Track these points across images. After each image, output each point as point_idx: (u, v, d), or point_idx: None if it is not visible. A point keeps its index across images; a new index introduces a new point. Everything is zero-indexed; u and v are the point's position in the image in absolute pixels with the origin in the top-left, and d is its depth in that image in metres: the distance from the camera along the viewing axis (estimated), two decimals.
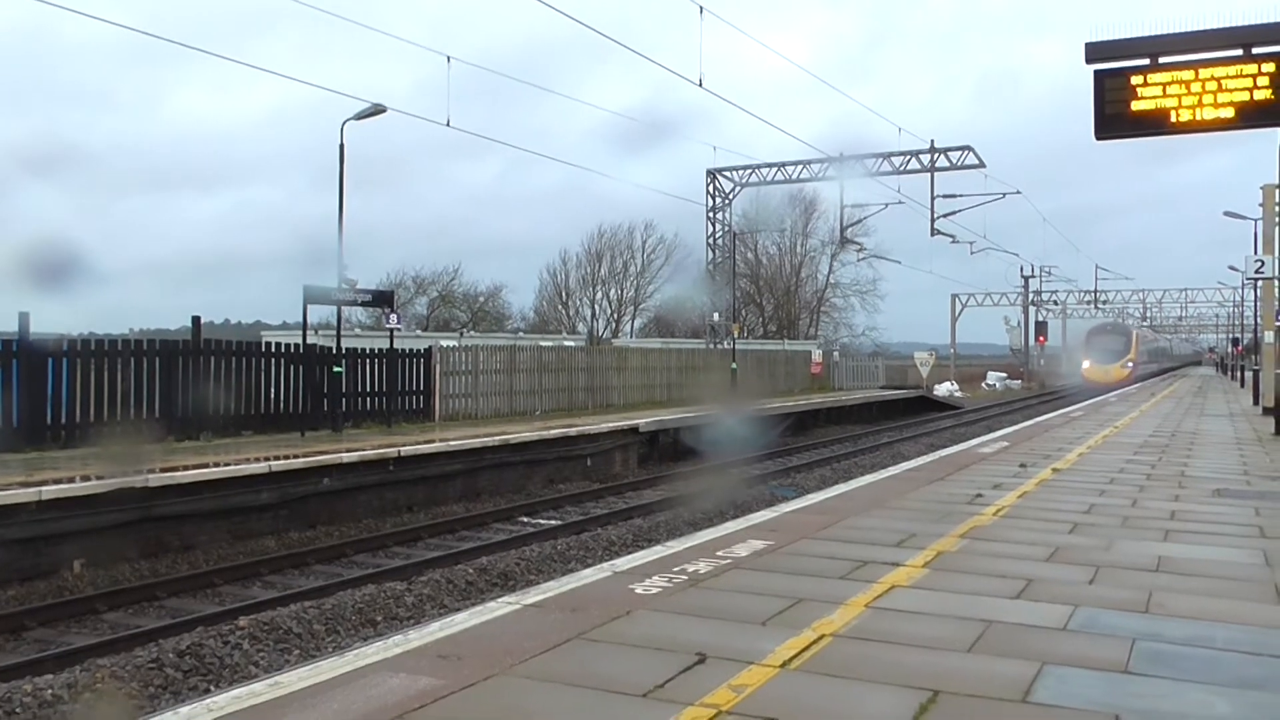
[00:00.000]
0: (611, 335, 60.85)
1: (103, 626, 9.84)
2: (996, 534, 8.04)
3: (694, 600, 5.80)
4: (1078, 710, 4.08)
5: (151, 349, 16.40)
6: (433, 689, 4.22)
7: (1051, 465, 12.88)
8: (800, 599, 5.79)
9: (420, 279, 57.82)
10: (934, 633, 5.19)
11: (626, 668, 4.57)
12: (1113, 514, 9.12)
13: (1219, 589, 6.26)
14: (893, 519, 8.67)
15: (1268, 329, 25.23)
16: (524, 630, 5.16)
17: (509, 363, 24.26)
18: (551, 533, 14.41)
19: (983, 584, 6.26)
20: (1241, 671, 4.61)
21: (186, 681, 8.07)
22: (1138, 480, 11.62)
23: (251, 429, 17.59)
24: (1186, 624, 5.39)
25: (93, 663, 8.38)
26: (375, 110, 19.68)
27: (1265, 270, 20.08)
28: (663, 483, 19.66)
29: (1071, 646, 4.98)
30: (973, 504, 9.56)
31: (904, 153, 34.47)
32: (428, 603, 10.70)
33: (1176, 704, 4.16)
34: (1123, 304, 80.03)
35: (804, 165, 37.19)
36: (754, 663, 4.60)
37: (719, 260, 40.84)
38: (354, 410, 20.18)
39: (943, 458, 13.85)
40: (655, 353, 32.80)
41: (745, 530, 8.03)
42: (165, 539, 12.17)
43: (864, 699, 4.22)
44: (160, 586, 10.93)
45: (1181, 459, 14.18)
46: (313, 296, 19.32)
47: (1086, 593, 6.11)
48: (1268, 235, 25.81)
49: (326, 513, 14.50)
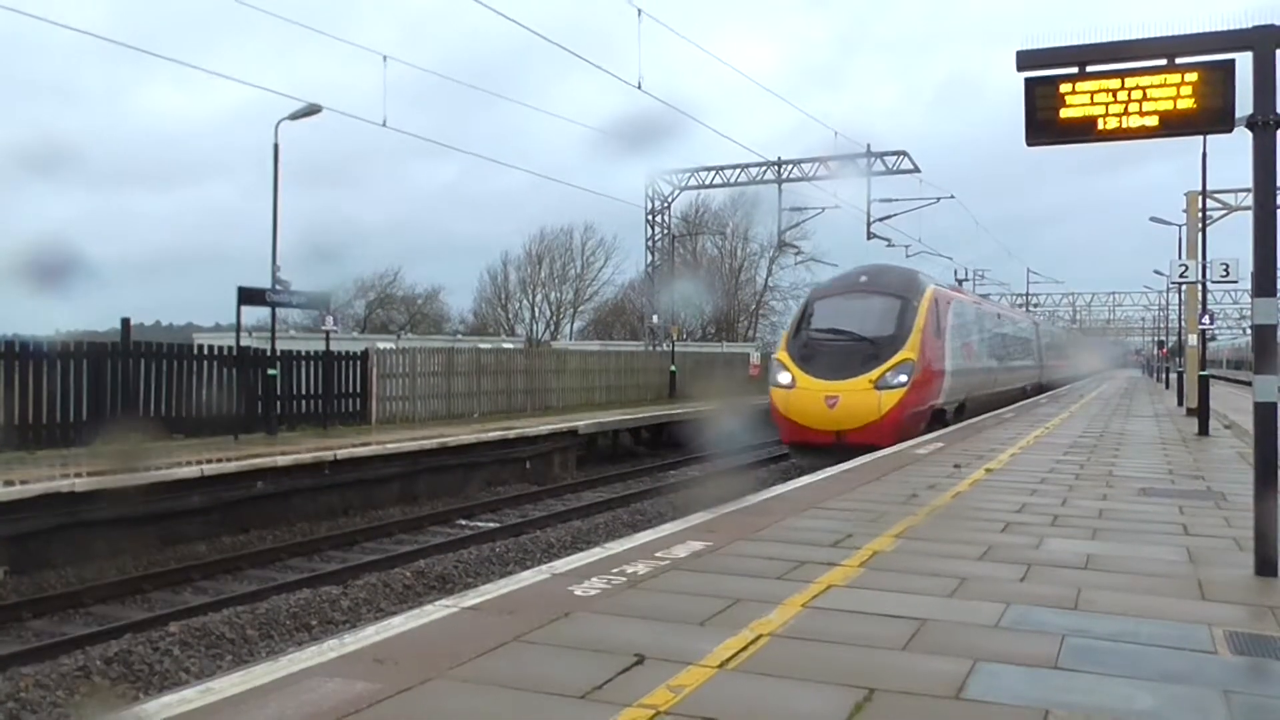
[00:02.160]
0: (551, 338, 60.71)
1: (28, 634, 9.60)
2: (931, 534, 8.16)
3: (633, 601, 5.81)
4: (1009, 706, 4.16)
5: (79, 351, 16.01)
6: (369, 693, 4.17)
7: (985, 465, 13.10)
8: (738, 599, 5.82)
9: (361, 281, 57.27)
10: (870, 631, 5.26)
11: (564, 669, 4.56)
12: (1043, 513, 9.30)
13: (1144, 585, 6.42)
14: (830, 519, 8.76)
15: (1191, 332, 25.89)
16: (461, 633, 5.13)
17: (447, 365, 24.07)
18: (490, 535, 14.35)
19: (917, 583, 6.35)
20: (1164, 665, 4.73)
21: (114, 689, 7.90)
22: (1067, 480, 11.86)
23: (184, 432, 17.25)
24: (1113, 620, 5.51)
25: (16, 671, 8.18)
26: (310, 110, 19.44)
27: (1189, 274, 20.61)
28: (601, 485, 19.69)
29: (1003, 643, 5.07)
30: (908, 504, 9.69)
31: (841, 157, 34.80)
32: (364, 607, 10.60)
33: (1103, 698, 4.26)
34: (1053, 307, 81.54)
35: (742, 169, 37.43)
36: (692, 663, 4.62)
37: (657, 263, 40.94)
38: (289, 413, 19.88)
39: (879, 458, 14.01)
40: (594, 355, 32.78)
41: (684, 531, 8.06)
42: (92, 545, 11.88)
43: (801, 698, 4.26)
44: (87, 593, 10.69)
45: (1109, 459, 14.50)
46: (247, 298, 19.01)
47: (1018, 590, 6.22)
48: (1191, 241, 26.50)
49: (260, 517, 14.28)
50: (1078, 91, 6.91)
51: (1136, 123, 6.79)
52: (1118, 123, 6.83)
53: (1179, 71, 6.69)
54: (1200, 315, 22.94)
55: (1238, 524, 8.53)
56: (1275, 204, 6.60)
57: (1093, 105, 6.87)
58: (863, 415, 17.97)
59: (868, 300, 20.01)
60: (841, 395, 18.10)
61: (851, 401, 18.07)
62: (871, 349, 18.75)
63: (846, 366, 18.50)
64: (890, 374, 18.27)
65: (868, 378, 18.25)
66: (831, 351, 19.06)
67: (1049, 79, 6.98)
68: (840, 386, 18.19)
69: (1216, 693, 4.36)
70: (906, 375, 18.38)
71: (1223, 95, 6.62)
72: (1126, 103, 6.79)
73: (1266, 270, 6.66)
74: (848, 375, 18.31)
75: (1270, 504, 6.55)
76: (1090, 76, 6.89)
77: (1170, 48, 6.73)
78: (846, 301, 20.24)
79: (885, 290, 20.25)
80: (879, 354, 18.56)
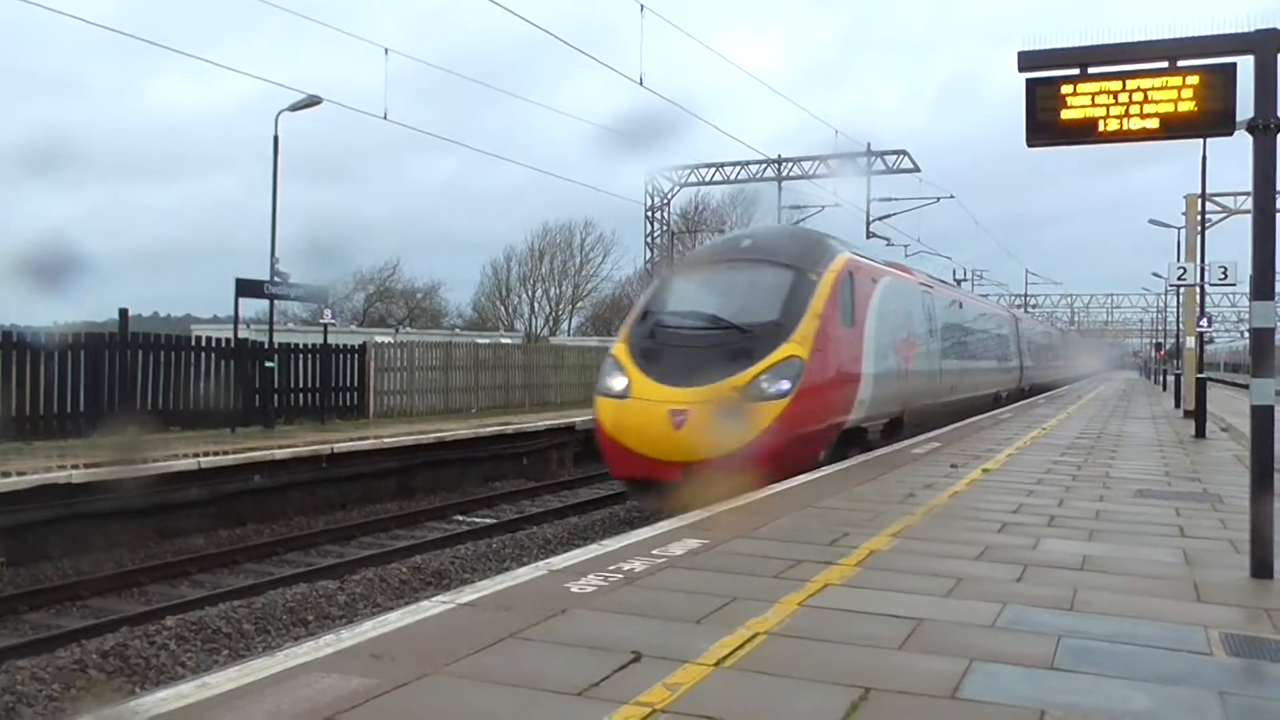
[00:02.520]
0: (549, 333, 60.72)
1: (24, 627, 9.60)
2: (928, 533, 8.16)
3: (629, 599, 5.81)
4: (1004, 706, 4.16)
5: (77, 342, 16.00)
6: (365, 689, 4.17)
7: (982, 466, 13.11)
8: (735, 597, 5.83)
9: (360, 274, 57.32)
10: (866, 631, 5.26)
11: (561, 667, 4.56)
12: (1040, 513, 9.31)
13: (1140, 587, 6.42)
14: (826, 518, 8.76)
15: (1189, 334, 25.92)
16: (458, 629, 5.13)
17: (445, 359, 24.08)
18: (487, 531, 14.36)
19: (914, 582, 6.36)
20: (1160, 667, 4.74)
21: (110, 683, 7.91)
22: (1064, 481, 11.87)
23: (181, 424, 17.26)
24: (1110, 621, 5.52)
25: (12, 664, 8.18)
26: (310, 102, 19.46)
27: (1187, 277, 20.63)
28: (598, 481, 19.70)
29: (999, 643, 5.08)
30: (905, 503, 9.69)
31: (841, 155, 34.78)
32: (360, 602, 10.60)
33: (1099, 699, 4.26)
34: (1052, 307, 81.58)
35: (742, 166, 37.41)
36: (689, 661, 4.62)
37: (657, 259, 40.94)
38: (287, 406, 19.89)
39: (876, 457, 14.02)
40: (592, 351, 32.77)
41: (680, 529, 8.06)
42: (89, 537, 11.88)
43: (797, 696, 4.26)
44: (84, 585, 10.69)
45: (1106, 460, 14.51)
46: (245, 290, 19.01)
47: (1014, 591, 6.23)
48: (1190, 243, 26.52)
49: (257, 511, 14.29)
50: (1079, 93, 6.91)
51: (1137, 125, 6.80)
52: (1118, 124, 6.84)
53: (1180, 74, 6.70)
54: (1198, 318, 22.97)
55: (1234, 526, 8.54)
56: (1275, 208, 6.61)
57: (1094, 107, 6.88)
58: (723, 439, 11.88)
59: (747, 273, 14.06)
60: (693, 409, 12.09)
61: (707, 418, 12.03)
62: (743, 342, 12.78)
63: (705, 367, 12.48)
64: (767, 377, 12.47)
65: (732, 383, 12.32)
66: (686, 345, 12.91)
67: (1050, 80, 6.99)
68: (692, 396, 12.18)
69: (1212, 694, 4.36)
70: (791, 380, 12.49)
71: (1224, 98, 6.63)
72: (1127, 105, 6.80)
73: (1265, 274, 6.67)
74: (705, 380, 12.32)
75: (1266, 506, 6.56)
76: (1091, 78, 6.90)
77: (1172, 50, 6.74)
78: (717, 275, 14.36)
79: (773, 259, 14.16)
80: (753, 349, 12.68)
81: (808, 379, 12.71)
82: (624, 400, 12.79)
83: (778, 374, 12.54)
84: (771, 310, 13.22)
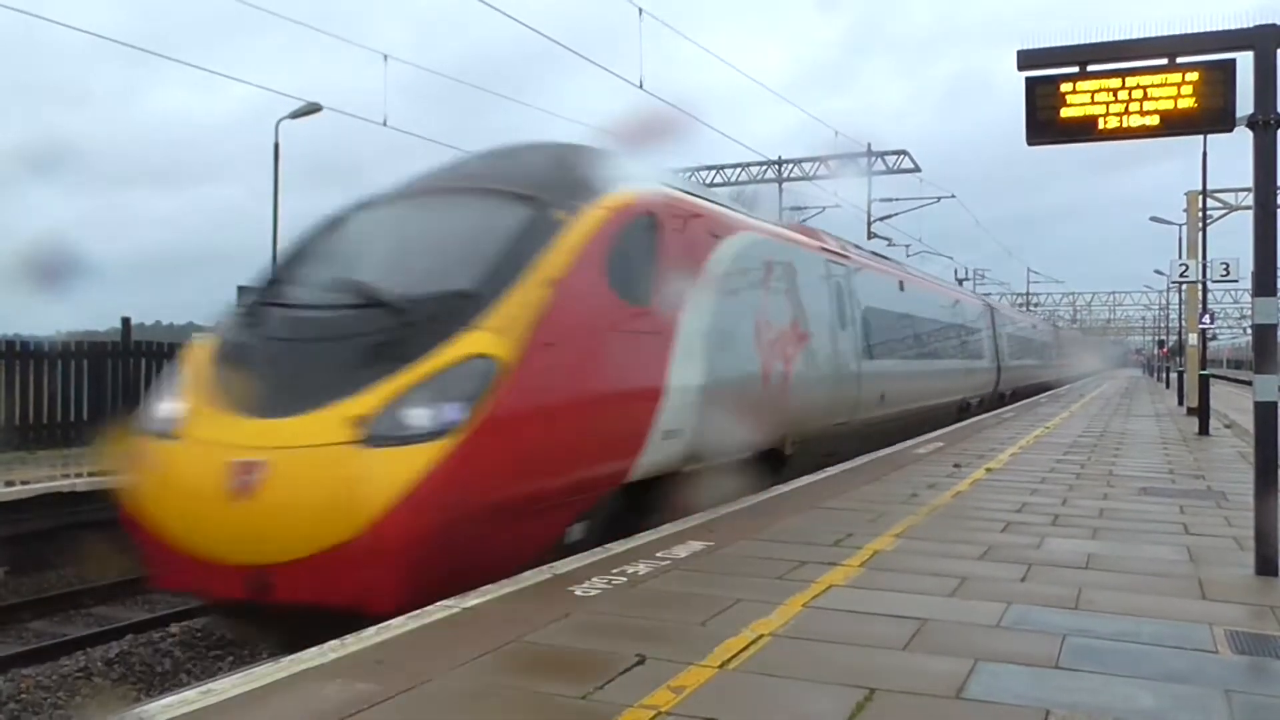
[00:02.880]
0: None
1: (28, 635, 9.61)
2: (932, 533, 8.15)
3: (633, 602, 5.80)
4: (1009, 705, 4.16)
5: (80, 351, 16.02)
6: (369, 694, 4.17)
7: (985, 465, 13.10)
8: (739, 599, 5.82)
9: None
10: (870, 631, 5.25)
11: (565, 670, 4.56)
12: (1044, 512, 9.30)
13: (1145, 585, 6.41)
14: (830, 519, 8.75)
15: (1191, 331, 25.90)
16: (462, 634, 5.13)
17: None
18: None
19: (918, 583, 6.35)
20: (1165, 665, 4.73)
21: (115, 691, 7.91)
22: (1068, 479, 11.86)
23: None
24: (1114, 620, 5.51)
25: (17, 672, 8.19)
26: (310, 109, 19.50)
27: (1189, 274, 20.61)
28: None
29: (1004, 643, 5.07)
30: (908, 503, 9.68)
31: (841, 156, 34.79)
32: None
33: (1104, 698, 4.25)
34: (1054, 306, 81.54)
35: (743, 168, 37.42)
36: (693, 663, 4.61)
37: None
38: None
39: (879, 458, 14.00)
40: None
41: (684, 531, 8.05)
42: (93, 545, 11.87)
43: (801, 698, 4.25)
44: (88, 594, 10.69)
45: (1110, 458, 14.49)
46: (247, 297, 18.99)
47: (1019, 590, 6.22)
48: (1191, 240, 26.51)
49: None
50: (1078, 91, 6.91)
51: (1137, 122, 6.79)
52: (1118, 122, 6.83)
53: (1180, 71, 6.70)
54: (1200, 315, 22.95)
55: (1238, 523, 8.52)
56: (1276, 203, 6.60)
57: (1093, 104, 6.88)
58: (322, 520, 6.05)
59: (449, 211, 8.39)
60: (271, 460, 6.20)
61: (294, 477, 6.18)
62: (393, 330, 6.81)
63: (315, 379, 6.63)
64: (419, 396, 6.42)
65: (348, 408, 6.34)
66: (294, 339, 7.18)
67: (1050, 78, 6.98)
68: (275, 434, 6.34)
69: (1218, 692, 4.35)
70: (468, 399, 6.46)
71: (1223, 95, 6.62)
72: (1127, 102, 6.80)
73: (1267, 270, 6.66)
74: (305, 404, 6.44)
75: (1271, 503, 6.55)
76: (1091, 76, 6.89)
77: (1171, 47, 6.73)
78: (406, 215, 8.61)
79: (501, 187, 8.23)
80: (406, 342, 6.71)
81: (510, 397, 6.70)
82: (167, 442, 6.77)
83: (442, 388, 6.46)
84: (458, 272, 7.25)
